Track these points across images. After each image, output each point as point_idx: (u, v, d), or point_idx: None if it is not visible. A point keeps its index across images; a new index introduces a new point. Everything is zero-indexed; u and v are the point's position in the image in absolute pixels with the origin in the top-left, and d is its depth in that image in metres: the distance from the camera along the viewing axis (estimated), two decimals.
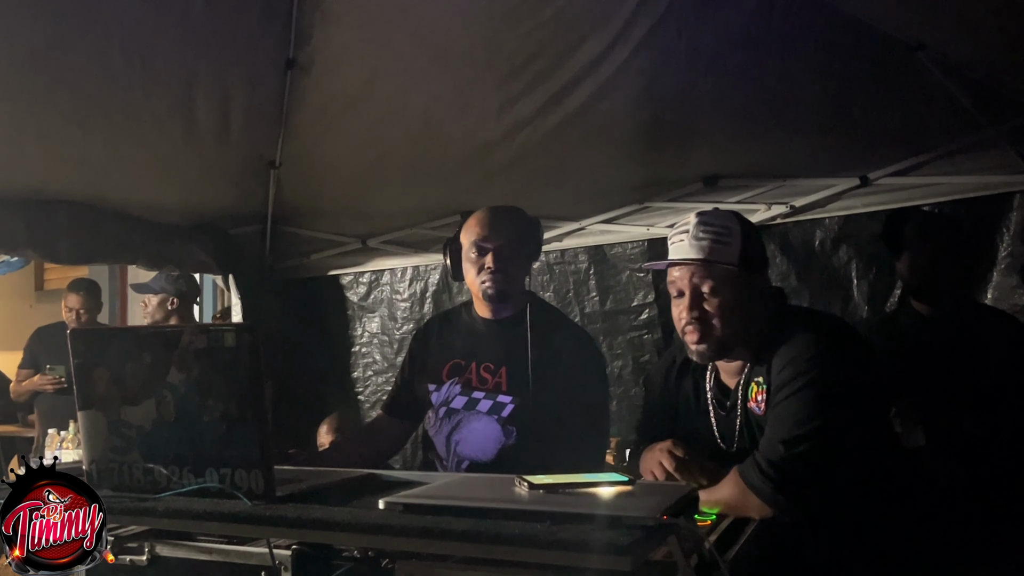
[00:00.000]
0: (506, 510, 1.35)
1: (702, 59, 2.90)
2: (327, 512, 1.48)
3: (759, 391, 1.88)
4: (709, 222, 1.89)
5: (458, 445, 2.35)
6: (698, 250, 1.88)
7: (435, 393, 2.44)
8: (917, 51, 2.72)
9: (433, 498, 1.49)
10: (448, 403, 2.40)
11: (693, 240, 1.89)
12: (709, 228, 1.88)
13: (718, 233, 1.88)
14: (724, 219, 1.92)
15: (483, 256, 2.34)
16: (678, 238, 1.92)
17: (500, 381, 2.34)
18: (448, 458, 2.38)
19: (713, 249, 1.87)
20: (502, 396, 2.32)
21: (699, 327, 1.89)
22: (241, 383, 1.58)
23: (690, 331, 1.91)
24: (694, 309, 1.89)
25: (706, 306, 1.89)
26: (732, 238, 1.88)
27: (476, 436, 2.33)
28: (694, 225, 1.89)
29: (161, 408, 1.63)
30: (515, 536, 1.26)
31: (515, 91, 3.13)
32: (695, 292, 1.89)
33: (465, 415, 2.35)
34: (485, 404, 2.34)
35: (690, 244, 1.89)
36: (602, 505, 1.38)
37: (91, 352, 1.71)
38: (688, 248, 1.89)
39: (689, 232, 1.89)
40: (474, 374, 2.37)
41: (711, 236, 1.87)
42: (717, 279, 1.87)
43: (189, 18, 2.79)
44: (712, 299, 1.89)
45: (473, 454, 2.33)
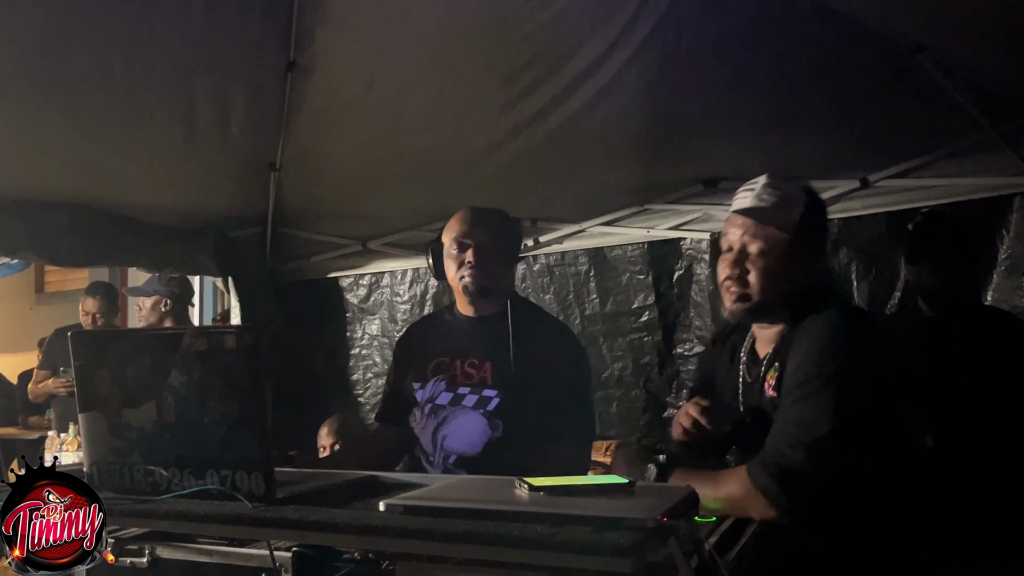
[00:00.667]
0: (506, 512, 1.35)
1: (702, 61, 2.91)
2: (328, 514, 1.48)
3: (773, 375, 1.85)
4: (777, 185, 1.87)
5: (445, 440, 2.37)
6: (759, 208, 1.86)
7: (420, 391, 2.45)
8: (917, 53, 2.72)
9: (433, 500, 1.49)
10: (433, 400, 2.42)
11: (756, 198, 1.87)
12: (775, 191, 1.86)
13: (782, 197, 1.86)
14: (792, 187, 1.90)
15: (463, 252, 2.38)
16: (743, 193, 1.90)
17: (485, 376, 2.36)
18: (434, 453, 2.39)
19: (772, 211, 1.85)
20: (487, 391, 2.35)
21: (737, 286, 1.87)
22: (241, 385, 1.58)
23: (727, 287, 1.89)
24: (736, 267, 1.87)
25: (749, 266, 1.86)
26: (795, 205, 1.85)
27: (462, 430, 2.35)
28: (762, 185, 1.88)
29: (162, 410, 1.63)
30: (515, 538, 1.26)
31: (515, 93, 3.14)
32: (742, 250, 1.87)
33: (451, 411, 2.37)
34: (471, 399, 2.36)
35: (751, 201, 1.87)
36: (602, 507, 1.38)
37: (92, 354, 1.71)
38: (748, 204, 1.87)
39: (755, 191, 1.88)
40: (459, 371, 2.39)
41: (774, 198, 1.85)
42: (767, 241, 1.85)
43: (190, 21, 2.79)
44: (757, 260, 1.86)
45: (460, 448, 2.35)
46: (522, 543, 1.25)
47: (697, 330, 3.82)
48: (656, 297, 3.91)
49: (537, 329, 2.39)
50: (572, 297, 4.11)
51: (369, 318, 4.64)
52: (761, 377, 1.91)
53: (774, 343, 1.91)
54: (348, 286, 4.69)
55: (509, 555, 1.29)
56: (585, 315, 4.08)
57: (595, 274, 4.05)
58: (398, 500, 1.45)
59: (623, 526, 1.26)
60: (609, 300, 4.03)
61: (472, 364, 2.39)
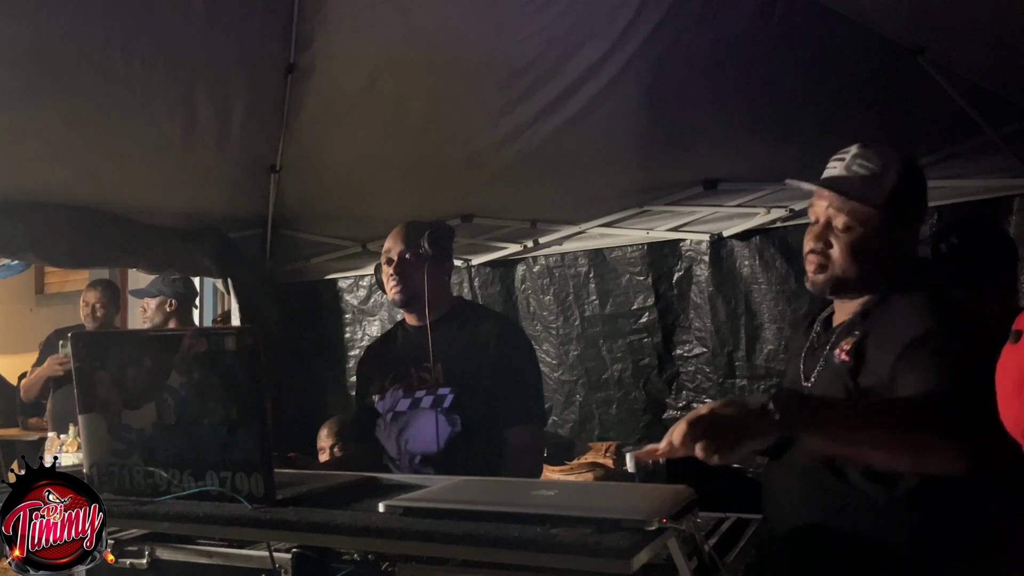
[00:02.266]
0: (506, 513, 1.35)
1: (702, 63, 2.91)
2: (327, 515, 1.48)
3: (850, 341, 1.76)
4: (868, 156, 1.78)
5: (408, 443, 2.46)
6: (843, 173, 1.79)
7: (381, 403, 2.56)
8: (917, 55, 2.72)
9: (433, 501, 1.49)
10: (394, 408, 2.52)
11: (845, 169, 1.78)
12: (866, 162, 1.78)
13: (873, 168, 1.77)
14: (887, 156, 1.78)
15: (389, 266, 2.55)
16: (834, 162, 1.81)
17: (438, 376, 2.47)
18: (400, 458, 2.48)
19: (861, 183, 1.77)
20: (441, 389, 2.45)
21: (819, 259, 1.81)
22: (241, 387, 1.58)
23: (810, 259, 1.83)
24: (819, 240, 1.80)
25: (832, 239, 1.79)
26: (886, 177, 1.75)
27: (423, 430, 2.44)
28: (852, 154, 1.79)
29: (161, 411, 1.63)
30: (515, 539, 1.26)
31: (515, 95, 3.14)
32: (827, 223, 1.80)
33: (411, 414, 2.47)
34: (427, 400, 2.46)
35: (840, 170, 1.80)
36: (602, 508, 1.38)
37: (92, 356, 1.71)
38: (836, 174, 1.80)
39: (845, 160, 1.79)
40: (414, 377, 2.51)
41: (864, 169, 1.77)
42: (852, 215, 1.77)
43: (190, 22, 2.79)
44: (842, 235, 1.78)
45: (423, 448, 2.44)
46: (522, 544, 1.25)
47: (697, 331, 3.82)
48: (656, 298, 3.92)
49: (481, 326, 2.53)
50: (572, 298, 4.12)
51: (369, 319, 4.64)
52: (833, 342, 1.82)
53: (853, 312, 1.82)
54: (348, 287, 4.70)
55: (509, 556, 1.29)
56: (585, 316, 4.09)
57: (595, 275, 4.05)
58: (398, 502, 1.45)
59: (623, 527, 1.26)
60: (609, 301, 4.03)
61: (425, 368, 2.50)
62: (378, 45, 3.00)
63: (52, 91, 2.88)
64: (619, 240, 3.94)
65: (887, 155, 1.79)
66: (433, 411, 2.43)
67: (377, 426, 2.57)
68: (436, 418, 2.42)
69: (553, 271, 4.16)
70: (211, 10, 2.78)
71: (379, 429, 2.56)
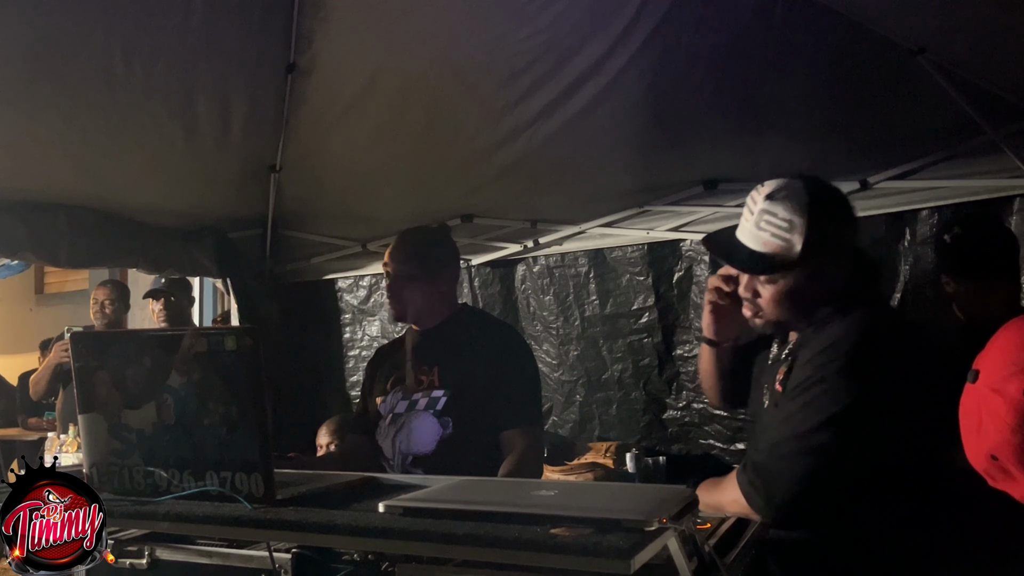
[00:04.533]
0: (506, 513, 1.35)
1: (702, 63, 2.91)
2: (327, 515, 1.48)
3: (782, 369, 1.85)
4: (776, 209, 1.78)
5: (401, 444, 2.49)
6: (755, 241, 1.80)
7: (382, 405, 2.61)
8: (918, 55, 2.72)
9: (433, 501, 1.49)
10: (393, 410, 2.56)
11: (754, 228, 1.80)
12: (772, 219, 1.78)
13: (779, 227, 1.77)
14: (792, 208, 1.77)
15: (387, 280, 2.62)
16: (746, 215, 1.83)
17: (433, 379, 2.52)
18: (394, 458, 2.51)
19: (770, 243, 1.78)
20: (436, 391, 2.49)
21: (752, 307, 1.87)
22: (241, 386, 1.58)
23: (745, 307, 1.88)
24: (748, 290, 1.86)
25: (760, 289, 1.84)
26: (794, 233, 1.76)
27: (416, 432, 2.47)
28: (759, 211, 1.79)
29: (161, 411, 1.63)
30: (515, 539, 1.26)
31: (515, 95, 3.14)
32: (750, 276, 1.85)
33: (408, 416, 2.51)
34: (422, 402, 2.50)
35: (751, 231, 1.80)
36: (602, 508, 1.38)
37: (92, 355, 1.71)
38: (749, 235, 1.81)
39: (753, 217, 1.80)
40: (412, 380, 2.56)
41: (771, 229, 1.78)
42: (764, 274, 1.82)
43: (190, 22, 2.79)
44: (766, 286, 1.83)
45: (415, 448, 2.47)
46: (522, 544, 1.25)
47: (697, 331, 3.81)
48: (656, 298, 3.92)
49: (480, 331, 2.57)
50: (572, 298, 4.12)
51: (369, 319, 4.64)
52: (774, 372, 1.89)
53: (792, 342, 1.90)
54: (348, 287, 4.70)
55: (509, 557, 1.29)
56: (585, 316, 4.09)
57: (595, 275, 4.05)
58: (398, 501, 1.45)
59: (623, 528, 1.26)
60: (609, 301, 4.03)
61: (423, 371, 2.55)
62: (378, 45, 3.00)
63: (52, 91, 2.88)
64: (619, 240, 3.94)
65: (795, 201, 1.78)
66: (427, 413, 2.46)
67: (378, 427, 2.60)
68: (429, 420, 2.45)
69: (553, 271, 4.16)
70: (211, 10, 2.78)
71: (379, 430, 2.59)
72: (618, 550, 1.20)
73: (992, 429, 1.95)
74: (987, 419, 1.98)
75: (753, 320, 1.89)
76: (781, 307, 1.84)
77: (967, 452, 2.09)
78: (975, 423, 2.04)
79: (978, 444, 2.03)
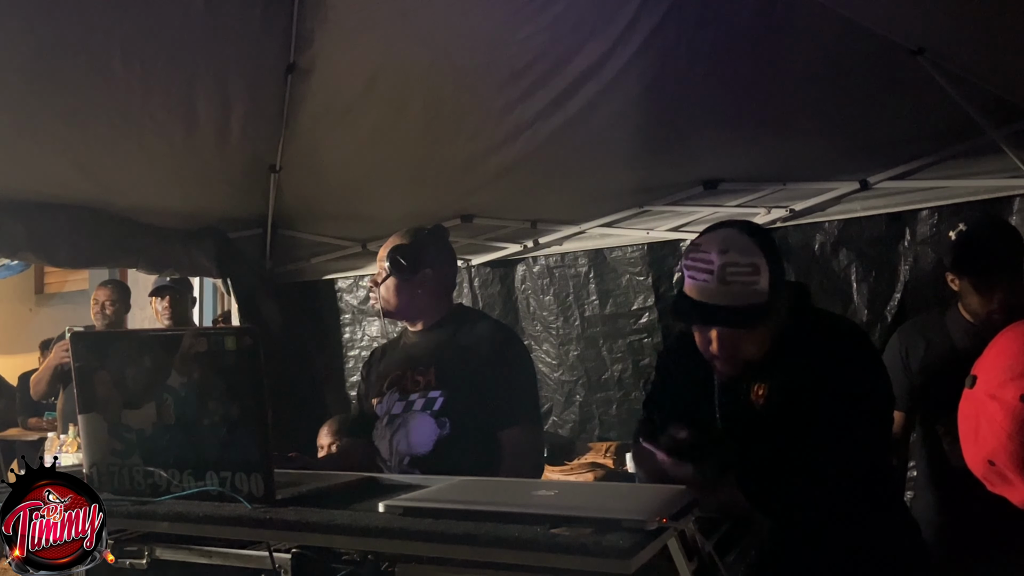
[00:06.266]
0: (506, 513, 1.35)
1: (702, 63, 2.91)
2: (327, 515, 1.48)
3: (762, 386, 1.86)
4: (736, 262, 1.76)
5: (398, 444, 2.48)
6: (727, 296, 1.77)
7: (379, 405, 2.60)
8: (918, 55, 2.72)
9: (433, 501, 1.49)
10: (390, 411, 2.56)
11: (720, 284, 1.76)
12: (736, 269, 1.76)
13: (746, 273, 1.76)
14: (748, 251, 1.77)
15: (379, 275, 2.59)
16: (701, 277, 1.78)
17: (430, 379, 2.50)
18: (391, 458, 2.50)
19: (742, 293, 1.77)
20: (432, 392, 2.48)
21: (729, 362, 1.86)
22: (241, 386, 1.58)
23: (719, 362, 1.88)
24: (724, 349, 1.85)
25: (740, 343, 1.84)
26: (760, 274, 1.76)
27: (413, 433, 2.47)
28: (719, 267, 1.76)
29: (162, 411, 1.63)
30: (515, 539, 1.27)
31: (515, 95, 3.14)
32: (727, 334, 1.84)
33: (404, 417, 2.50)
34: (419, 403, 2.49)
35: (717, 288, 1.77)
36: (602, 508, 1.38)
37: (92, 355, 1.71)
38: (716, 293, 1.77)
39: (714, 274, 1.76)
40: (408, 380, 2.55)
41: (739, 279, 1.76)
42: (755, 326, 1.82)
43: (190, 22, 2.79)
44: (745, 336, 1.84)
45: (411, 449, 2.46)
46: (522, 544, 1.25)
47: None
48: (656, 298, 3.92)
49: (475, 331, 2.55)
50: (572, 298, 4.12)
51: (369, 319, 4.64)
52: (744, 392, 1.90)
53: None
54: (348, 287, 4.70)
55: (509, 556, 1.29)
56: (585, 316, 4.09)
57: (595, 275, 4.05)
58: (398, 501, 1.45)
59: (623, 527, 1.26)
60: (609, 301, 4.03)
61: (420, 372, 2.54)
62: (378, 45, 3.00)
63: (52, 90, 2.88)
64: (619, 240, 3.94)
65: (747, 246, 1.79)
66: (424, 413, 2.46)
67: (375, 428, 2.59)
68: (426, 420, 2.44)
69: (553, 271, 4.16)
70: (211, 10, 2.77)
71: (375, 431, 2.59)
72: (618, 550, 1.20)
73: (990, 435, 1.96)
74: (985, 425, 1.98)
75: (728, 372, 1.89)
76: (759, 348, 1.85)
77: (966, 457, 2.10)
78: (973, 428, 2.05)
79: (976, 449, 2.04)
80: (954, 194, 3.18)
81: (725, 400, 1.95)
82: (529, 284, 4.24)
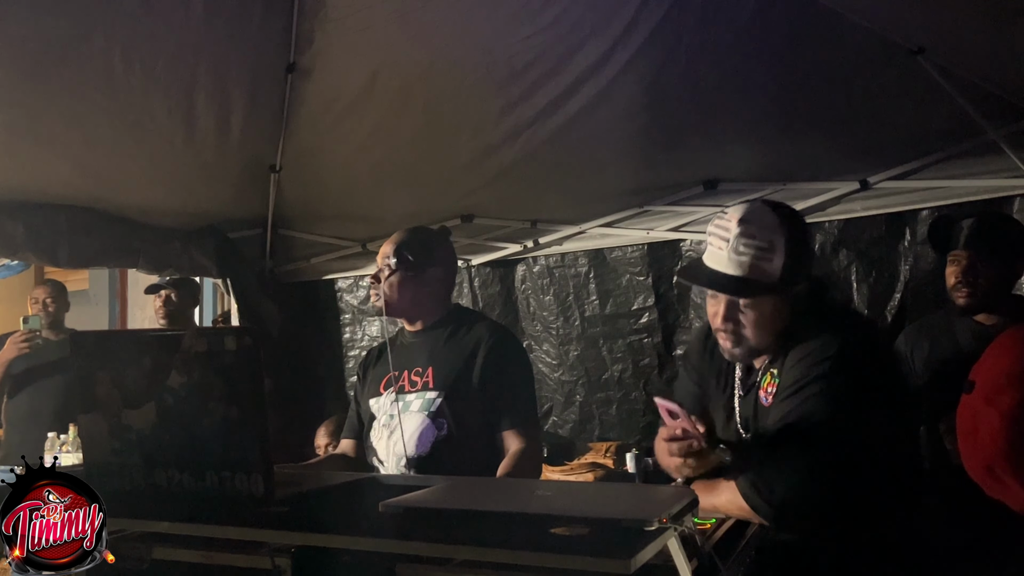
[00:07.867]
0: (506, 513, 1.35)
1: (701, 63, 2.91)
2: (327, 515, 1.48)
3: (771, 382, 1.85)
4: (752, 234, 1.76)
5: (395, 445, 2.46)
6: (736, 266, 1.77)
7: (376, 406, 2.59)
8: (917, 55, 2.72)
9: (433, 501, 1.49)
10: (387, 412, 2.55)
11: (733, 253, 1.77)
12: (751, 242, 1.76)
13: (760, 248, 1.76)
14: (768, 229, 1.77)
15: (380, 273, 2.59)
16: (717, 244, 1.80)
17: (428, 380, 2.49)
18: (388, 460, 2.49)
19: (753, 267, 1.77)
20: (430, 392, 2.47)
21: (732, 336, 1.85)
22: (241, 386, 1.58)
23: (723, 337, 1.88)
24: (728, 320, 1.84)
25: (741, 318, 1.83)
26: (775, 253, 1.76)
27: (411, 433, 2.45)
28: (735, 236, 1.77)
29: (161, 411, 1.63)
30: (515, 539, 1.26)
31: (515, 95, 3.14)
32: (730, 304, 1.83)
33: (401, 417, 2.48)
34: (416, 403, 2.48)
35: (729, 257, 1.77)
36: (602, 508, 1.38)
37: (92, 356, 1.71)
38: (727, 262, 1.78)
39: (729, 243, 1.77)
40: (406, 380, 2.54)
41: (751, 252, 1.76)
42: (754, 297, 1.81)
43: (190, 22, 2.79)
44: (748, 312, 1.82)
45: (409, 450, 2.44)
46: (522, 544, 1.25)
47: None
48: (656, 298, 3.92)
49: (473, 332, 2.54)
50: (572, 298, 4.12)
51: (368, 319, 4.64)
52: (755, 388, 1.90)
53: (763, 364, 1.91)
54: (348, 287, 4.70)
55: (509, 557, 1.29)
56: (585, 316, 4.09)
57: (595, 275, 4.06)
58: (398, 501, 1.45)
59: (623, 528, 1.26)
60: (609, 302, 4.03)
61: (417, 372, 2.53)
62: (378, 45, 3.00)
63: (52, 90, 2.88)
64: (619, 240, 3.94)
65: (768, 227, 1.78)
66: (421, 414, 2.45)
67: (372, 428, 2.59)
68: (424, 421, 2.43)
69: (553, 271, 4.16)
70: (211, 10, 2.77)
71: (372, 431, 2.58)
72: (618, 550, 1.20)
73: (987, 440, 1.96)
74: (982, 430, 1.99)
75: (733, 349, 1.88)
76: (764, 329, 1.84)
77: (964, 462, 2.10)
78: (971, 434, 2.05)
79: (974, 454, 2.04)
80: (954, 194, 3.19)
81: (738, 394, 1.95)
82: (529, 284, 4.24)
